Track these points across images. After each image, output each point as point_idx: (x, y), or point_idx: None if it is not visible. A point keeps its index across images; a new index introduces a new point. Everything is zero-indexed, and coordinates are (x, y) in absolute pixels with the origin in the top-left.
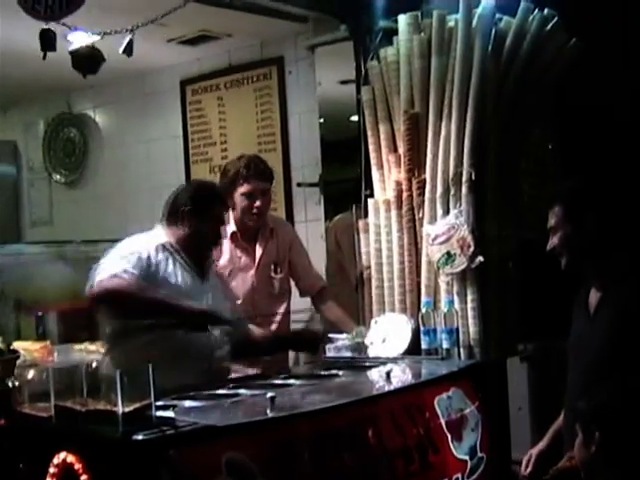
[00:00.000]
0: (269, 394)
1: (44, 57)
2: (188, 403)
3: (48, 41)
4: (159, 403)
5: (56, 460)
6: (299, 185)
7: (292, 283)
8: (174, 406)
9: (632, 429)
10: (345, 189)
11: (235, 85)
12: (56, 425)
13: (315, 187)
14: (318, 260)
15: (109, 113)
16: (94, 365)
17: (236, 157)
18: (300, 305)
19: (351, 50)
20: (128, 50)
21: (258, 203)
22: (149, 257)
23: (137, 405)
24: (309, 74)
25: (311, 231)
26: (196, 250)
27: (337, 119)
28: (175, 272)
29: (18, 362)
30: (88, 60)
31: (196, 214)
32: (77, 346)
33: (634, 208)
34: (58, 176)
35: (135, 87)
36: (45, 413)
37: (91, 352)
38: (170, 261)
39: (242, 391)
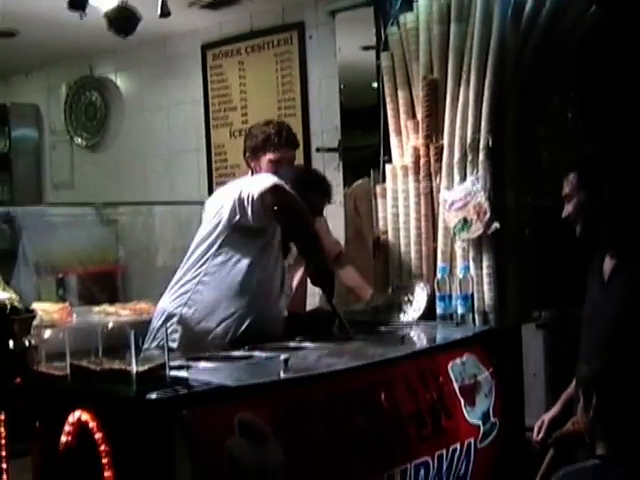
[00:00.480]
0: (283, 356)
1: (81, 16)
2: (202, 364)
3: (78, 1)
4: (173, 363)
5: (71, 418)
6: (318, 150)
7: None
8: (188, 367)
9: (628, 396)
10: (364, 155)
11: (256, 50)
12: (71, 384)
13: (334, 152)
14: (337, 225)
15: (130, 77)
16: (110, 326)
17: (263, 122)
18: None
19: (371, 15)
20: (165, 11)
21: None
22: None
23: (151, 365)
24: (329, 39)
25: None
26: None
27: (357, 85)
28: None
29: (35, 322)
30: (124, 20)
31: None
32: (96, 308)
33: None
34: (79, 139)
35: (156, 51)
36: (61, 372)
37: (110, 314)
38: None
39: (256, 353)
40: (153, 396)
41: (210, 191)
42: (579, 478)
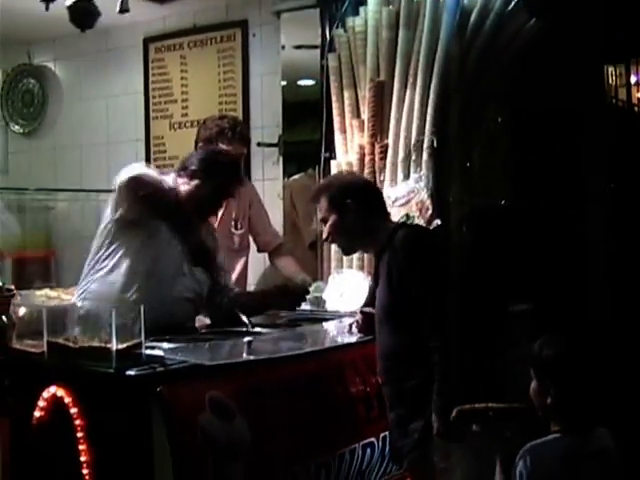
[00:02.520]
0: (246, 338)
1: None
2: (166, 345)
3: None
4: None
5: (46, 394)
6: (259, 145)
7: (251, 239)
8: (155, 347)
9: (584, 385)
10: (302, 150)
11: (199, 45)
12: (48, 361)
13: (274, 147)
14: (274, 218)
15: (70, 66)
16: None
17: (218, 115)
18: (258, 261)
19: (317, 17)
20: (125, 7)
21: None
22: None
23: (129, 343)
24: (273, 38)
25: (268, 190)
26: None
27: (299, 83)
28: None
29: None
30: (85, 14)
31: (203, 177)
32: (38, 292)
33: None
34: (16, 126)
35: (98, 42)
36: (36, 349)
37: (52, 298)
38: None
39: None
40: (132, 372)
41: None
42: (546, 449)
